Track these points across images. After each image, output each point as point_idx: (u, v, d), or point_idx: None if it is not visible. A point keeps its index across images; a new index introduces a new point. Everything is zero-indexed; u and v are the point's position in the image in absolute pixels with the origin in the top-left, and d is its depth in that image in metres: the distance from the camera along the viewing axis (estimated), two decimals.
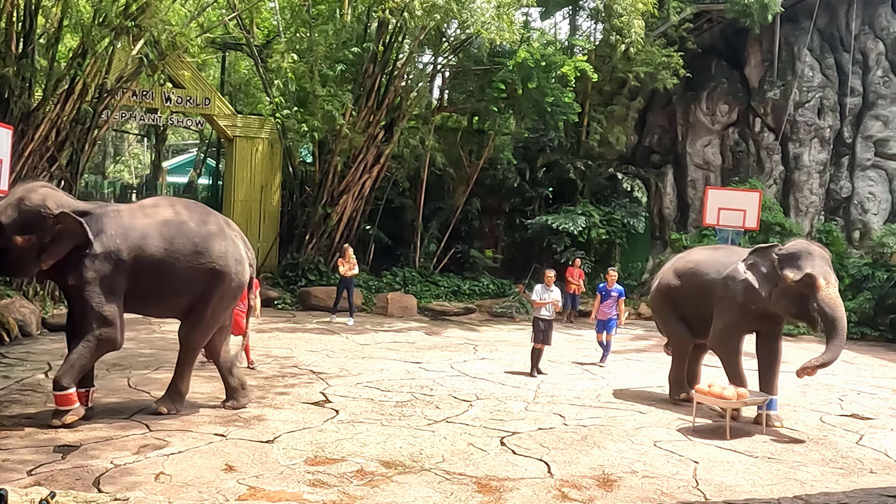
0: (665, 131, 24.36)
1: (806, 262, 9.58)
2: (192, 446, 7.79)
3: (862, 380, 13.43)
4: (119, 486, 6.58)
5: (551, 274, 12.96)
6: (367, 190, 20.37)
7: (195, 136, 39.39)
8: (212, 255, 8.87)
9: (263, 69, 20.93)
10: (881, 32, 22.71)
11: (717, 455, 8.47)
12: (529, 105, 20.26)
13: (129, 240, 8.50)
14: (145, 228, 8.63)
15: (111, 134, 38.85)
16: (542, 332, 12.39)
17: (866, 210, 21.81)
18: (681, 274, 10.83)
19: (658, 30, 21.69)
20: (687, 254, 11.55)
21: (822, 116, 22.25)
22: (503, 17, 17.38)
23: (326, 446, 8.02)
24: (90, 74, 15.59)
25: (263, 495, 6.53)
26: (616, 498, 6.96)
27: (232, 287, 9.16)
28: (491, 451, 8.16)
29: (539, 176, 23.15)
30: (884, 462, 8.57)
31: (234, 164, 20.44)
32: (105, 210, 8.71)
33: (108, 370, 11.10)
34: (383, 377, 11.60)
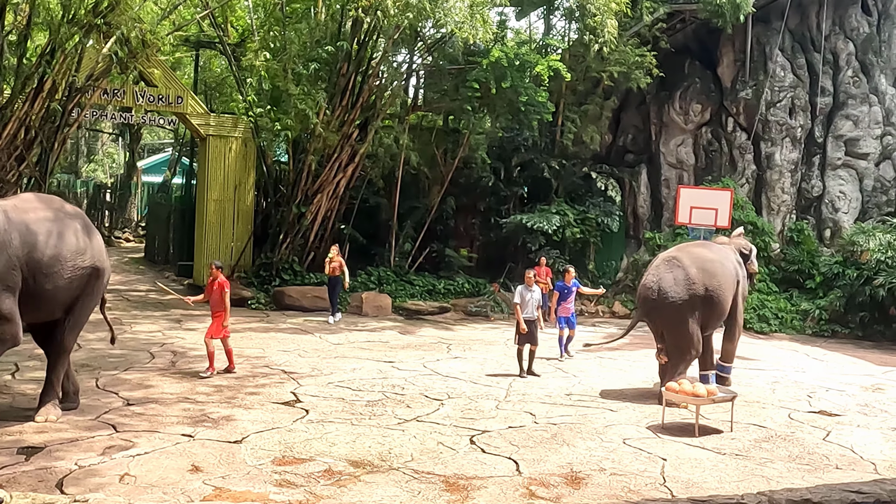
0: (639, 130, 24.46)
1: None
2: (159, 447, 7.74)
3: (831, 377, 13.56)
4: (83, 487, 6.53)
5: (531, 274, 13.10)
6: (341, 189, 20.30)
7: (171, 135, 39.14)
8: (93, 252, 8.79)
9: (237, 68, 20.80)
10: (851, 33, 22.94)
11: (685, 452, 8.53)
12: (504, 104, 20.27)
13: (22, 236, 8.17)
14: (34, 224, 8.34)
15: (84, 133, 38.57)
16: (528, 333, 12.34)
17: (837, 209, 22.02)
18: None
19: (631, 29, 21.77)
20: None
21: (794, 116, 22.44)
22: (477, 17, 17.38)
23: (295, 446, 7.99)
24: (60, 72, 15.42)
25: (229, 496, 6.50)
26: (583, 496, 6.99)
27: (104, 283, 9.11)
28: (460, 450, 8.17)
29: (514, 175, 23.17)
30: (849, 458, 8.67)
31: (208, 163, 20.29)
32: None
33: (77, 371, 10.97)
34: (355, 377, 11.57)
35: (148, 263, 25.94)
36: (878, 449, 9.07)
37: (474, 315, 19.25)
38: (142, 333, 14.28)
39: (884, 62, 22.86)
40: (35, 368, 11.03)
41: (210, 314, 11.82)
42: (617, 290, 21.79)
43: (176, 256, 23.52)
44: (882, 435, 9.72)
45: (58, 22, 15.07)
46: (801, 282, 20.52)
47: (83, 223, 8.93)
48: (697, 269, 10.95)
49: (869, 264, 18.61)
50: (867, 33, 22.90)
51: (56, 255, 8.38)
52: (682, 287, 10.78)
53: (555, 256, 20.96)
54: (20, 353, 11.92)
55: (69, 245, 8.52)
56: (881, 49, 22.91)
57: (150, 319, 15.83)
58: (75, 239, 8.60)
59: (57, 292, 8.51)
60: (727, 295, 11.21)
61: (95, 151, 44.06)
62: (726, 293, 11.19)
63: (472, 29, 17.13)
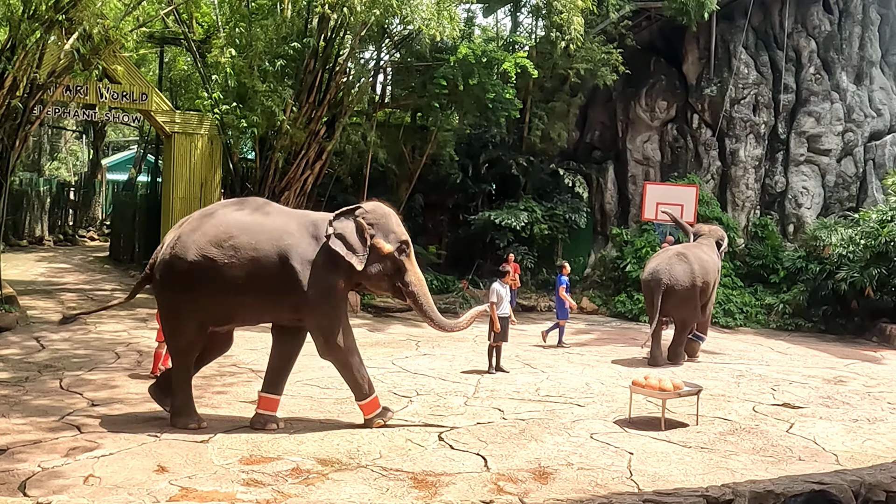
0: (606, 127, 24.64)
1: None
2: (124, 448, 7.66)
3: (794, 370, 13.77)
4: (46, 489, 6.45)
5: (508, 269, 13.42)
6: (309, 186, 20.19)
7: (135, 132, 38.70)
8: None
9: (202, 64, 20.61)
10: (813, 31, 23.27)
11: (651, 446, 8.62)
12: (471, 101, 20.29)
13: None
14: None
15: (47, 130, 38.00)
16: (501, 331, 12.38)
17: (800, 204, 22.33)
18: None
19: (598, 27, 21.91)
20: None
21: (758, 113, 22.72)
22: (444, 14, 17.37)
23: (262, 445, 7.96)
24: (20, 69, 15.13)
25: (195, 496, 6.45)
26: (551, 490, 7.03)
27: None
28: (429, 447, 8.19)
29: (482, 172, 23.22)
30: (812, 449, 8.82)
31: (173, 160, 20.09)
32: None
33: (40, 371, 10.85)
34: (323, 375, 11.51)
35: (113, 262, 25.62)
36: (840, 440, 9.23)
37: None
38: (107, 333, 14.12)
39: (845, 60, 23.23)
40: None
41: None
42: (585, 285, 21.93)
43: (141, 255, 23.25)
44: (844, 427, 9.89)
45: (18, 17, 14.79)
46: (765, 276, 20.80)
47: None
48: (699, 266, 14.04)
49: (831, 259, 18.90)
50: (828, 31, 23.26)
51: None
52: (688, 277, 13.80)
53: (523, 253, 21.05)
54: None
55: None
56: (842, 47, 23.27)
57: (115, 319, 15.65)
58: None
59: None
60: (712, 283, 14.42)
61: (59, 149, 43.44)
62: (712, 282, 14.41)
63: (439, 26, 17.10)
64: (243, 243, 8.38)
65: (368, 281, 9.00)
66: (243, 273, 8.34)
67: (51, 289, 19.33)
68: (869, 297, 17.87)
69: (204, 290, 8.32)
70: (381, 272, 8.88)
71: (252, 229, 8.50)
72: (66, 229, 33.37)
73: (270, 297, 8.51)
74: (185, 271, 8.34)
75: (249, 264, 8.35)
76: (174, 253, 8.44)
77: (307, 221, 8.82)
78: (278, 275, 8.41)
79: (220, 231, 8.43)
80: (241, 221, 8.55)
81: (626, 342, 16.18)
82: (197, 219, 8.73)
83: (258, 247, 8.40)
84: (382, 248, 8.74)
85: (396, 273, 8.93)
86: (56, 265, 24.34)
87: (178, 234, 8.58)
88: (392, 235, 8.84)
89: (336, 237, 8.55)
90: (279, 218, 8.77)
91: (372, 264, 8.76)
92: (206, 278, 8.29)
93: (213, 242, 8.36)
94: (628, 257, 20.90)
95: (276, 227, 8.57)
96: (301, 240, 8.57)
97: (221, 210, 8.82)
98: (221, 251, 8.33)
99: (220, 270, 8.30)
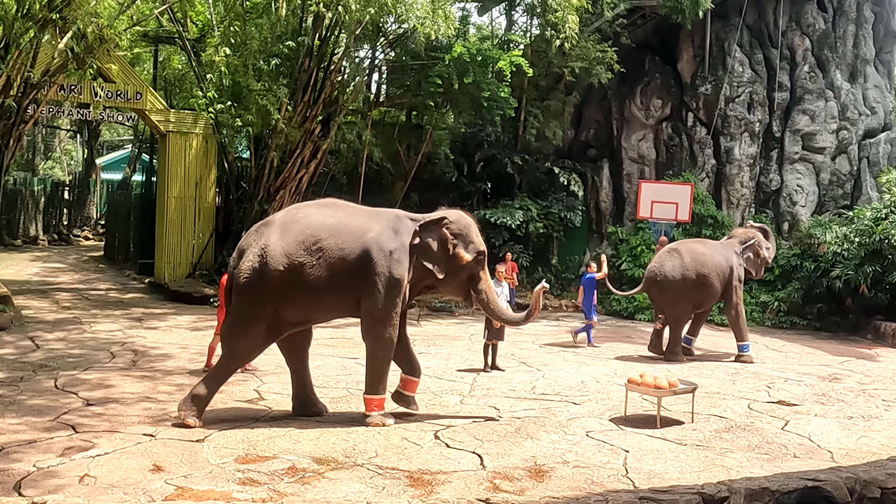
0: (601, 126, 24.66)
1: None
2: (120, 447, 7.64)
3: (789, 367, 13.80)
4: (41, 489, 6.43)
5: (502, 269, 13.33)
6: (304, 185, 20.20)
7: (130, 132, 38.63)
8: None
9: (197, 63, 20.59)
10: (807, 29, 23.32)
11: (647, 444, 8.62)
12: (466, 100, 20.31)
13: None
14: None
15: (41, 130, 37.91)
16: (497, 328, 12.37)
17: (795, 202, 22.37)
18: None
19: (592, 25, 21.94)
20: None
21: (752, 111, 22.75)
22: (439, 12, 17.38)
23: (258, 444, 7.95)
24: (14, 68, 15.12)
25: (191, 495, 6.44)
26: (547, 488, 7.03)
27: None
28: (424, 445, 8.18)
29: (477, 170, 23.23)
30: (807, 447, 8.83)
31: (168, 159, 20.06)
32: None
33: (35, 371, 10.83)
34: (319, 373, 11.49)
35: (108, 262, 25.60)
36: (835, 438, 9.25)
37: (438, 311, 19.27)
38: (101, 333, 14.09)
39: (839, 58, 23.27)
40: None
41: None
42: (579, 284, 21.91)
43: (136, 254, 23.24)
44: (839, 424, 9.92)
45: (11, 16, 14.78)
46: None
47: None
48: (692, 259, 14.03)
49: (826, 257, 18.95)
50: (823, 29, 23.29)
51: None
52: (677, 271, 13.96)
53: (518, 251, 21.06)
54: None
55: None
56: (836, 45, 23.31)
57: (110, 318, 15.63)
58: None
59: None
60: (716, 278, 14.15)
61: (53, 148, 43.37)
62: (715, 277, 14.14)
63: (434, 24, 17.11)
64: (330, 245, 8.61)
65: (445, 287, 9.43)
66: (329, 274, 8.58)
67: (45, 288, 19.29)
68: (863, 294, 17.92)
69: (290, 295, 8.54)
70: (458, 279, 9.25)
71: (338, 230, 8.72)
72: (60, 229, 33.32)
73: (350, 293, 8.75)
74: (276, 278, 8.47)
75: (336, 265, 8.59)
76: (264, 261, 8.51)
77: (390, 216, 9.15)
78: (359, 269, 8.67)
79: (307, 235, 8.61)
80: (326, 224, 8.75)
81: (621, 340, 16.22)
82: (279, 225, 8.77)
83: (344, 247, 8.65)
84: (462, 258, 9.08)
85: (471, 280, 9.30)
86: (51, 265, 24.30)
87: (265, 242, 8.61)
88: (471, 246, 9.18)
89: (421, 245, 8.94)
90: (361, 217, 9.03)
91: (451, 272, 9.12)
92: (294, 284, 8.50)
93: (303, 247, 8.54)
94: (623, 255, 20.93)
95: (359, 226, 8.82)
96: (381, 233, 8.82)
97: (302, 213, 8.95)
98: (311, 256, 8.54)
99: (309, 275, 8.52)
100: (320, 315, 9.26)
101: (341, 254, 8.59)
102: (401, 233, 8.92)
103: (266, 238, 8.65)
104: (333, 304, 8.90)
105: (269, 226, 8.84)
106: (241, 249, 8.88)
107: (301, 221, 8.74)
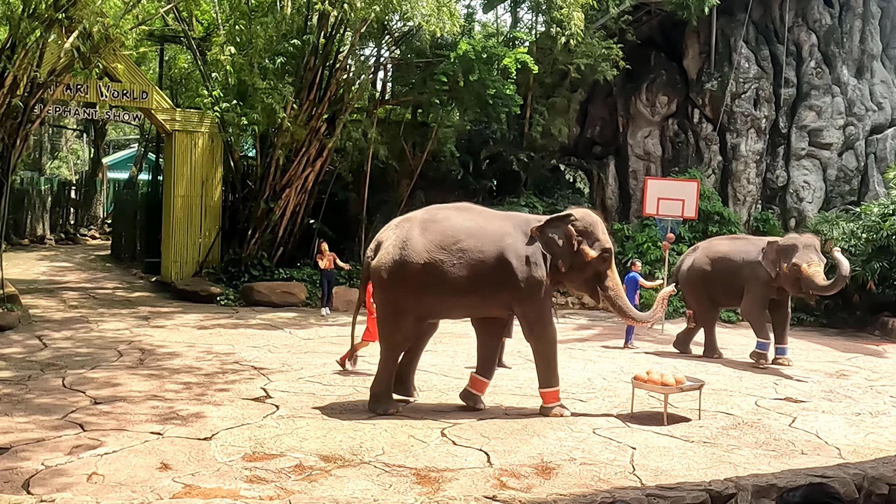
0: (606, 123, 24.61)
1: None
2: (127, 445, 7.67)
3: (796, 364, 13.75)
4: (49, 487, 6.45)
5: None
6: (310, 184, 20.22)
7: (136, 131, 38.69)
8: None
9: (202, 62, 20.61)
10: (814, 24, 23.24)
11: (654, 441, 8.61)
12: (471, 97, 20.28)
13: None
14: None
15: (48, 129, 37.99)
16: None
17: (801, 198, 22.31)
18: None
19: (598, 22, 21.89)
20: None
21: (759, 107, 22.69)
22: (444, 10, 17.36)
23: (265, 442, 7.96)
24: (21, 68, 15.14)
25: (199, 493, 6.46)
26: (553, 485, 7.03)
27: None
28: (431, 443, 8.19)
29: (483, 168, 23.21)
30: (814, 443, 8.81)
31: (174, 158, 20.09)
32: None
33: (43, 370, 10.86)
34: (325, 371, 11.55)
35: (114, 261, 25.67)
36: (843, 434, 9.23)
37: None
38: (109, 331, 14.13)
39: (846, 53, 23.19)
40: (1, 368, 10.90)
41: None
42: None
43: (143, 253, 23.30)
44: (846, 420, 9.89)
45: (18, 16, 14.80)
46: None
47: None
48: (707, 254, 14.24)
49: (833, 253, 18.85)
50: (829, 25, 23.22)
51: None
52: (689, 267, 14.39)
53: None
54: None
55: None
56: (843, 40, 23.23)
57: (117, 317, 15.67)
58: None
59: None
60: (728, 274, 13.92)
61: (59, 148, 43.45)
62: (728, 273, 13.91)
63: (439, 22, 17.10)
64: (470, 246, 9.17)
65: (571, 283, 9.80)
66: (468, 273, 9.13)
67: (52, 287, 19.36)
68: (871, 290, 17.84)
69: (430, 290, 9.16)
70: (583, 275, 9.55)
71: (476, 233, 9.28)
72: (67, 228, 33.43)
73: (489, 295, 9.29)
74: (415, 272, 9.11)
75: (475, 266, 9.14)
76: (404, 255, 9.16)
77: (521, 221, 9.63)
78: (498, 273, 9.17)
79: (447, 236, 9.23)
80: (465, 226, 9.34)
81: None
82: (420, 222, 9.42)
83: (483, 249, 9.19)
84: (587, 255, 9.36)
85: (597, 277, 9.58)
86: (57, 264, 24.37)
87: (406, 237, 9.25)
88: (597, 243, 9.42)
89: (547, 241, 9.31)
90: (497, 221, 9.59)
91: (576, 268, 9.42)
92: (433, 279, 9.10)
93: (442, 246, 9.16)
94: (630, 253, 20.87)
95: (496, 230, 9.36)
96: (517, 239, 9.33)
97: (443, 214, 9.57)
98: (450, 254, 9.13)
99: (448, 272, 9.10)
100: (459, 312, 9.89)
101: (480, 256, 9.15)
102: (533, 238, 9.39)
103: (407, 233, 9.30)
104: (473, 303, 9.42)
105: (409, 221, 9.51)
106: (378, 242, 9.57)
107: (442, 222, 9.37)
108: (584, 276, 9.56)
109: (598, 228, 9.52)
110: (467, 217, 9.50)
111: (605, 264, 9.51)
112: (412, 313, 9.31)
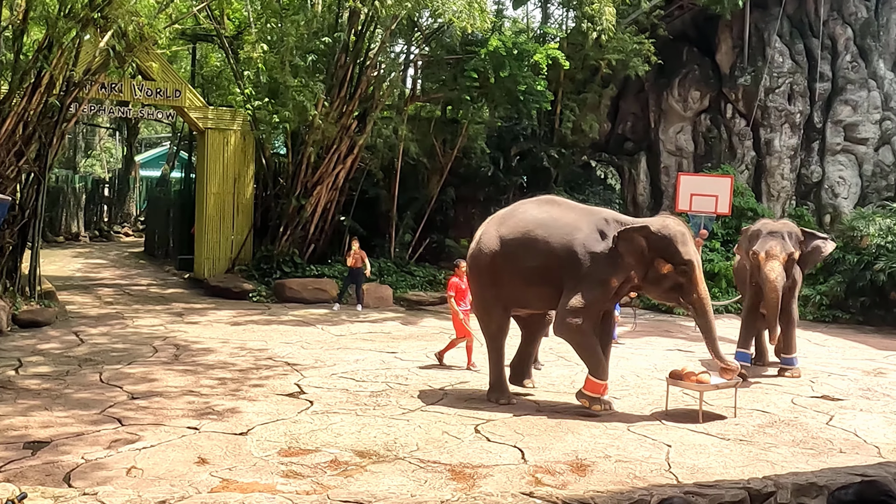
0: (638, 118, 24.45)
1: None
2: (165, 440, 7.75)
3: (833, 362, 13.57)
4: (90, 481, 6.54)
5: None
6: (340, 181, 20.28)
7: (168, 129, 39.06)
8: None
9: (234, 60, 20.76)
10: (849, 18, 22.91)
11: (689, 438, 8.55)
12: (502, 93, 20.21)
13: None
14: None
15: (82, 128, 38.48)
16: None
17: (837, 194, 22.02)
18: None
19: (629, 17, 21.74)
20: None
21: (793, 102, 22.42)
22: (474, 6, 17.33)
23: (300, 437, 8.01)
24: (57, 67, 15.34)
25: (236, 487, 6.51)
26: (589, 482, 7.00)
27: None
28: (465, 439, 8.19)
29: (513, 164, 23.14)
30: (853, 442, 8.69)
31: (207, 156, 20.26)
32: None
33: (80, 365, 11.01)
34: (358, 367, 11.59)
35: (148, 258, 25.94)
36: (882, 432, 9.09)
37: None
38: (144, 328, 14.29)
39: (882, 47, 22.84)
40: (38, 364, 11.06)
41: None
42: None
43: (176, 250, 23.52)
44: (885, 419, 9.75)
45: (54, 16, 15.01)
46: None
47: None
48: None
49: (869, 249, 18.58)
50: (865, 18, 22.87)
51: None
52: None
53: None
54: (24, 349, 11.98)
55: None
56: (879, 34, 22.88)
57: (151, 313, 15.84)
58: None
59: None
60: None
61: (93, 146, 44.00)
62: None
63: (469, 18, 17.07)
64: (538, 237, 9.38)
65: (651, 293, 10.18)
66: (537, 265, 9.35)
67: (88, 284, 19.62)
68: None
69: (504, 280, 9.52)
70: (659, 287, 9.54)
71: (547, 224, 9.46)
72: (101, 225, 33.83)
73: (560, 286, 9.36)
74: (488, 263, 9.59)
75: (543, 256, 9.33)
76: (478, 247, 9.73)
77: (598, 217, 9.61)
78: (566, 266, 9.31)
79: (520, 227, 9.53)
80: (537, 218, 9.57)
81: (660, 334, 16.05)
82: (501, 216, 9.96)
83: (550, 240, 9.35)
84: (661, 268, 9.32)
85: (677, 289, 9.45)
86: (92, 261, 24.69)
87: (484, 230, 9.81)
88: (676, 256, 9.28)
89: (620, 251, 9.26)
90: (572, 214, 9.67)
91: (652, 279, 9.41)
92: (506, 270, 9.46)
93: (514, 236, 9.49)
94: None
95: (568, 223, 9.46)
96: (588, 234, 9.37)
97: (521, 208, 9.91)
98: (521, 246, 9.41)
99: (519, 263, 9.40)
100: (537, 302, 9.87)
101: (547, 248, 9.33)
102: (608, 236, 9.35)
103: (487, 226, 9.86)
104: (547, 294, 9.49)
105: (494, 216, 10.07)
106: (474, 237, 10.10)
107: (518, 215, 9.73)
108: (662, 288, 9.49)
109: (678, 240, 9.25)
110: (544, 210, 9.67)
111: (683, 277, 9.30)
112: (497, 303, 9.69)
